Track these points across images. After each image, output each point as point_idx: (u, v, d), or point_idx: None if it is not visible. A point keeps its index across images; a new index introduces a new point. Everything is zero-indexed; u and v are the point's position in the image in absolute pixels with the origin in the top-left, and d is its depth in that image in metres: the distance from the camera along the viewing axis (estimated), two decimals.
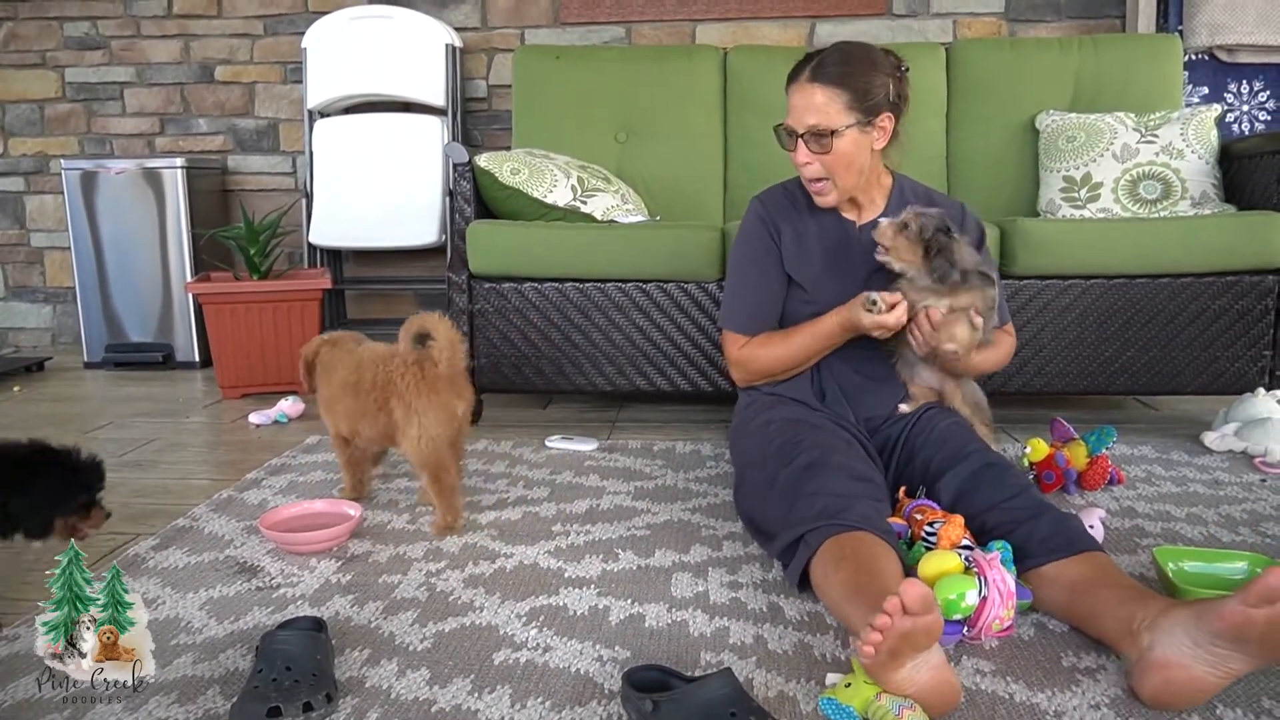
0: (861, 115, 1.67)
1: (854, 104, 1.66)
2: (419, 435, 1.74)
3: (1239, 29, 3.26)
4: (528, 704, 1.16)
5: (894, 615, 1.04)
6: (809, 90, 1.67)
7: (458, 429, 1.81)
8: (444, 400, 1.75)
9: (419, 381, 1.74)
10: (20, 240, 4.11)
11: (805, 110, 1.67)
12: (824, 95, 1.66)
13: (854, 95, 1.65)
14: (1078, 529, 1.40)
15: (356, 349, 1.90)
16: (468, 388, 1.82)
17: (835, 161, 1.69)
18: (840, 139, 1.67)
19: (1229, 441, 2.25)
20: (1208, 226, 2.38)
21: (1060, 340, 2.42)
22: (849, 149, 1.68)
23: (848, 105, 1.66)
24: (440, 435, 1.75)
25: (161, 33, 3.91)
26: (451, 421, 1.77)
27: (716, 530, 1.78)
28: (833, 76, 1.66)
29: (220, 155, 3.96)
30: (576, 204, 2.61)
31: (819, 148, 1.68)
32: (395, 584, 1.54)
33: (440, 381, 1.75)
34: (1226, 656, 1.07)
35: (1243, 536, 1.72)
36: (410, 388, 1.74)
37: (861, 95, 1.66)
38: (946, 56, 3.09)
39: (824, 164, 1.70)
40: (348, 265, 3.93)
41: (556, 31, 3.73)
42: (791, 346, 1.77)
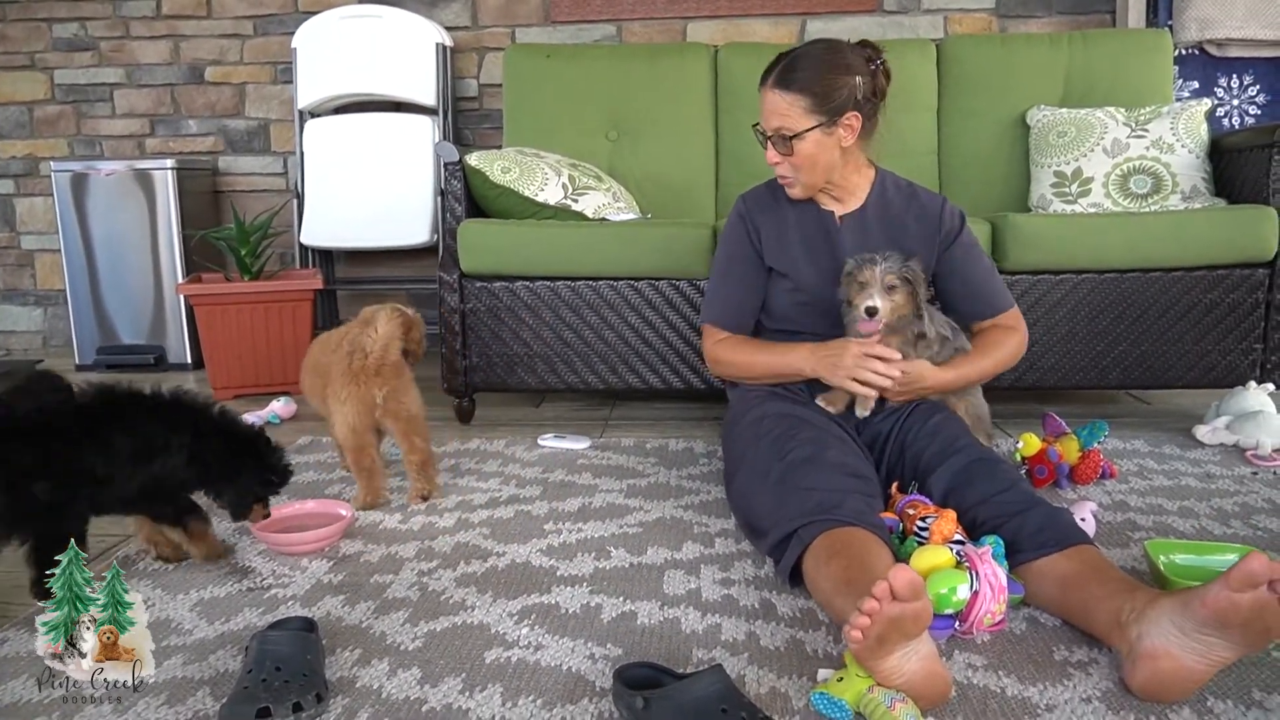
0: (824, 117, 1.70)
1: (815, 107, 1.70)
2: (340, 420, 1.90)
3: (1228, 23, 3.27)
4: (519, 702, 1.16)
5: (882, 600, 1.04)
6: (772, 95, 1.73)
7: (376, 418, 1.93)
8: (363, 392, 1.89)
9: (345, 371, 1.89)
10: (10, 243, 4.09)
11: (771, 114, 1.74)
12: (785, 100, 1.71)
13: (815, 99, 1.70)
14: (1068, 523, 1.40)
15: (330, 334, 2.06)
16: (397, 378, 1.93)
17: (799, 162, 1.75)
18: (802, 141, 1.72)
19: (1221, 435, 2.26)
20: (1198, 220, 2.39)
21: (1052, 335, 2.42)
22: (812, 150, 1.73)
23: (809, 109, 1.70)
24: (359, 422, 1.89)
25: (151, 34, 3.89)
26: (370, 411, 1.90)
27: (709, 527, 1.78)
28: (793, 82, 1.70)
29: (211, 156, 3.95)
30: (568, 202, 2.60)
31: (784, 149, 1.74)
32: (387, 584, 1.54)
33: (364, 373, 1.88)
34: (1213, 644, 1.07)
35: (1234, 529, 1.72)
36: (338, 375, 1.90)
37: (823, 98, 1.69)
38: (937, 52, 3.09)
39: (790, 164, 1.76)
40: (339, 265, 3.93)
41: (547, 30, 3.72)
42: (756, 363, 1.84)
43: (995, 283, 1.86)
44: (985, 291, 1.84)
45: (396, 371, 1.93)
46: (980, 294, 1.84)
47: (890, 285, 1.67)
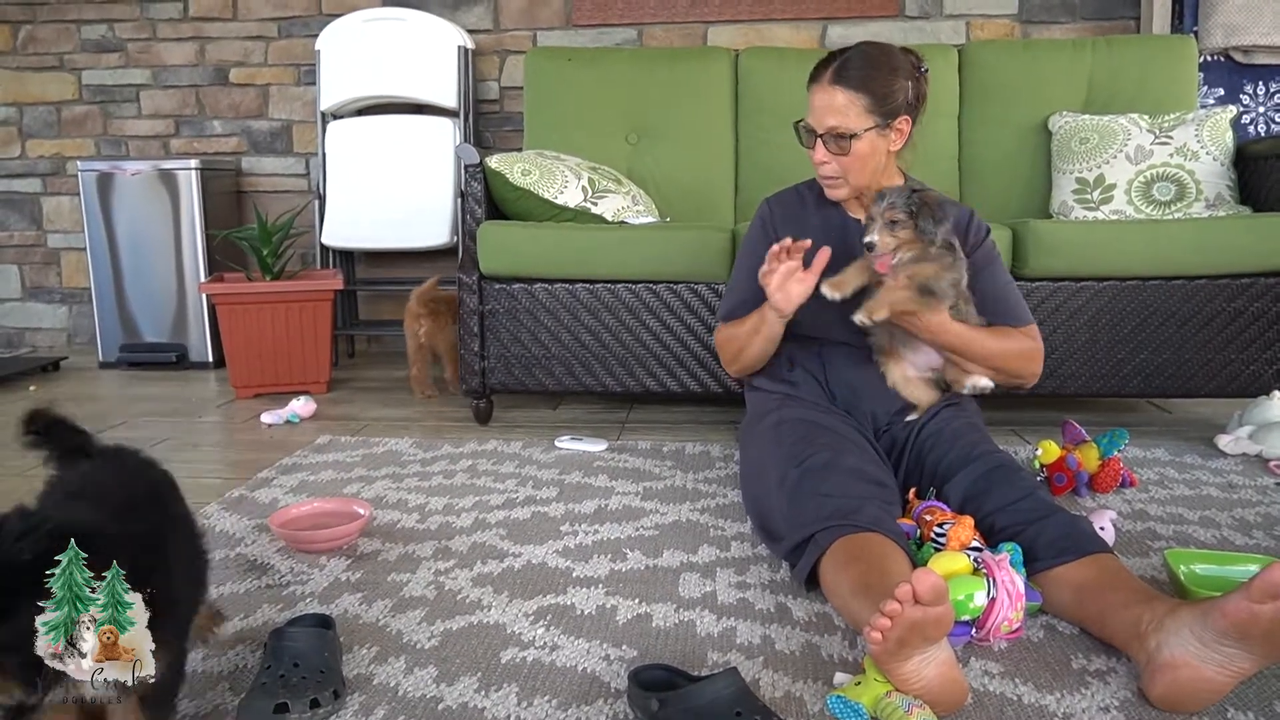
0: (880, 119, 1.68)
1: (874, 108, 1.67)
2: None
3: (1255, 30, 3.24)
4: (534, 702, 1.17)
5: (905, 603, 1.04)
6: (830, 92, 1.68)
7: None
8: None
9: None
10: (37, 241, 4.15)
11: (826, 111, 1.69)
12: (845, 98, 1.67)
13: (874, 99, 1.66)
14: (1087, 531, 1.39)
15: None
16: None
17: (851, 163, 1.71)
18: (859, 141, 1.68)
19: (1243, 445, 2.23)
20: (1222, 228, 2.37)
21: (1073, 342, 2.41)
22: (866, 151, 1.70)
23: (868, 109, 1.67)
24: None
25: (177, 35, 3.94)
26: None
27: (725, 531, 1.78)
28: (855, 80, 1.66)
29: (234, 157, 3.99)
30: (587, 205, 2.61)
31: (837, 149, 1.70)
32: (404, 582, 1.55)
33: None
34: (1234, 655, 1.06)
35: (1256, 540, 1.70)
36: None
37: (882, 99, 1.67)
38: (959, 58, 3.08)
39: (841, 164, 1.72)
40: (360, 266, 3.95)
41: (568, 33, 3.74)
42: (741, 326, 1.80)
43: (1014, 295, 1.80)
44: (1004, 303, 1.77)
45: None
46: (999, 305, 1.77)
47: (892, 220, 1.59)
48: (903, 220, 1.59)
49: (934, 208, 1.59)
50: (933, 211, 1.59)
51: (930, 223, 1.58)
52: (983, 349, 1.69)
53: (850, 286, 1.66)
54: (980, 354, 1.70)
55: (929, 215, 1.58)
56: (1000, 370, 1.73)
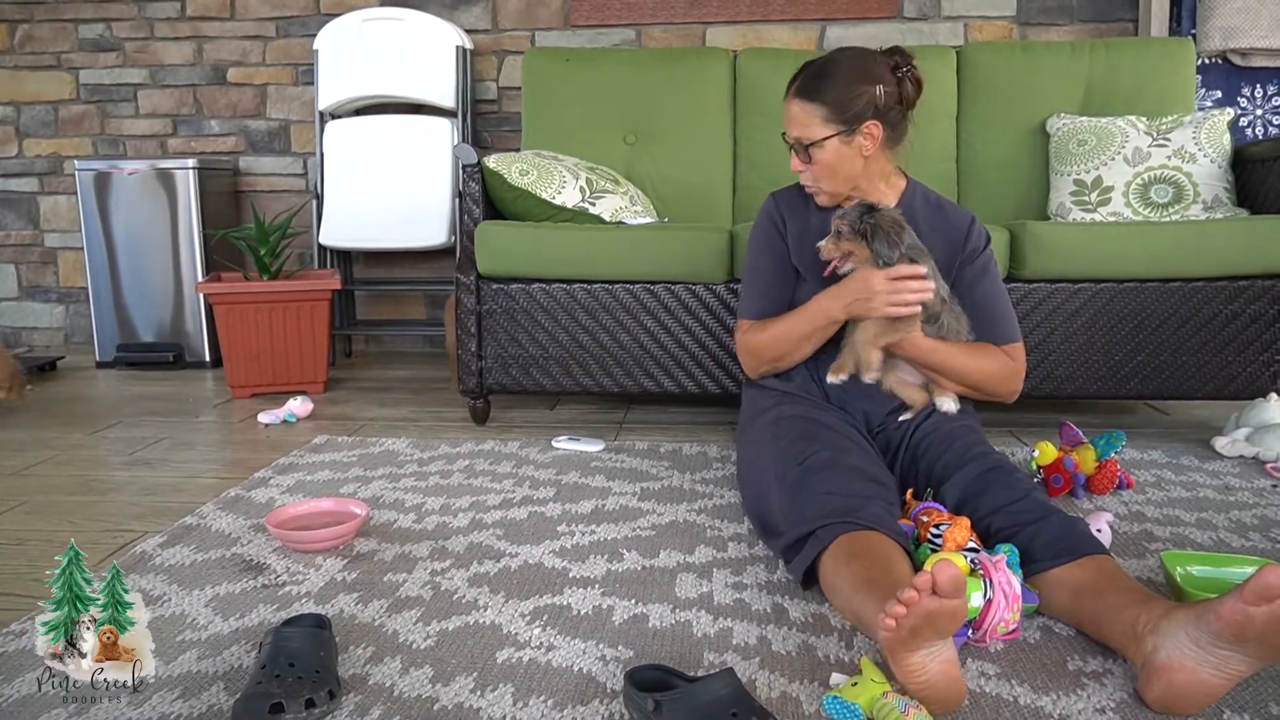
0: (842, 126, 1.70)
1: (833, 116, 1.70)
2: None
3: (1253, 33, 3.24)
4: (530, 702, 1.16)
5: (923, 591, 1.04)
6: (791, 104, 1.75)
7: None
8: None
9: None
10: (34, 240, 4.14)
11: (790, 123, 1.76)
12: (802, 109, 1.73)
13: (831, 108, 1.70)
14: (1083, 532, 1.39)
15: None
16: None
17: (820, 170, 1.76)
18: (821, 150, 1.72)
19: (1240, 447, 2.24)
20: (1220, 231, 2.37)
21: (1070, 344, 2.41)
22: (831, 159, 1.73)
23: (825, 118, 1.71)
24: None
25: (175, 35, 3.93)
26: None
27: (722, 531, 1.78)
28: (809, 91, 1.72)
29: (232, 156, 3.98)
30: (585, 205, 2.61)
31: (805, 158, 1.75)
32: (400, 582, 1.55)
33: None
34: (1229, 657, 1.06)
35: (1253, 542, 1.70)
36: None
37: (839, 107, 1.69)
38: (957, 59, 3.08)
39: (811, 172, 1.77)
40: (357, 266, 3.95)
41: (567, 34, 3.74)
42: (791, 329, 1.78)
43: (1005, 309, 1.79)
44: (994, 316, 1.77)
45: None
46: (988, 317, 1.76)
47: (838, 231, 1.67)
48: (846, 233, 1.66)
49: (888, 230, 1.63)
50: (888, 235, 1.62)
51: (885, 246, 1.62)
52: (956, 366, 1.72)
53: (848, 370, 1.76)
54: (954, 371, 1.73)
55: (883, 239, 1.62)
56: (976, 388, 1.76)
